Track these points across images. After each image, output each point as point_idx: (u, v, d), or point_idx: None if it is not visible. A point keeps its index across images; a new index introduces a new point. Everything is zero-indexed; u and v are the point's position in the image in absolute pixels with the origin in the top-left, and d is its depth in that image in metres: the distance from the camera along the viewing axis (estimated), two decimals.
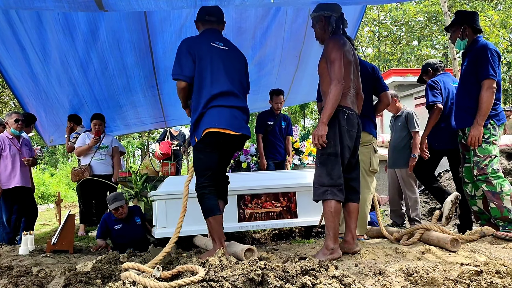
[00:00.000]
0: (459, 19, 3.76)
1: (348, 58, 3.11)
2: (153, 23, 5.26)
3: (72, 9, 2.83)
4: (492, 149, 3.52)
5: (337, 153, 3.05)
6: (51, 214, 11.26)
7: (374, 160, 3.88)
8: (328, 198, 3.01)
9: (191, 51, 3.03)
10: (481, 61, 3.52)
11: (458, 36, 3.74)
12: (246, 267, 2.36)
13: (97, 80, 6.11)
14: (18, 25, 4.79)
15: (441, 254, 2.93)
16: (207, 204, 3.11)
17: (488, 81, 3.46)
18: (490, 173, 3.46)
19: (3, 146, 5.20)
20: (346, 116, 3.09)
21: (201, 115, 3.03)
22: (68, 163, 21.30)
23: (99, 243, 4.50)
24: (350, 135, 3.12)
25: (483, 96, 3.46)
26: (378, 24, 21.79)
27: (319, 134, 3.00)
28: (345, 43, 3.15)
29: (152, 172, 5.69)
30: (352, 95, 3.18)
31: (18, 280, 2.58)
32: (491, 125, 3.54)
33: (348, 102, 3.13)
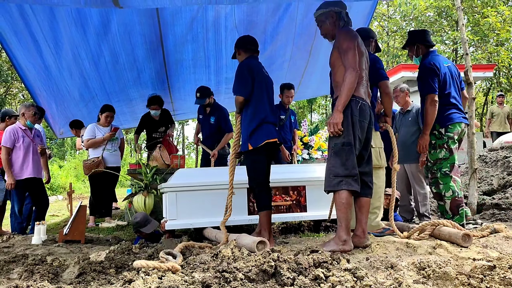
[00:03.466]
0: (411, 39, 4.23)
1: (359, 49, 3.15)
2: (164, 16, 5.28)
3: (88, 5, 2.85)
4: (439, 153, 4.04)
5: (351, 143, 3.06)
6: (59, 205, 11.36)
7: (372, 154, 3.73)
8: (343, 188, 3.01)
9: (251, 73, 3.57)
10: (423, 77, 4.03)
11: (413, 54, 4.23)
12: (259, 259, 2.39)
13: (108, 73, 6.15)
14: (31, 18, 4.83)
15: (452, 249, 2.93)
16: (265, 200, 3.58)
17: (429, 95, 3.97)
18: (439, 177, 4.03)
19: (17, 137, 5.25)
20: (359, 106, 3.10)
21: (258, 127, 3.55)
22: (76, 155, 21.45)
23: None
24: (362, 126, 3.12)
25: (427, 109, 3.98)
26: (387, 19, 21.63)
27: (335, 122, 3.03)
28: (357, 35, 3.22)
29: (162, 165, 5.72)
30: (365, 86, 3.20)
31: (34, 268, 2.62)
32: (436, 130, 4.05)
33: (361, 92, 3.15)
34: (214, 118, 5.89)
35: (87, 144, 6.07)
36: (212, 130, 5.95)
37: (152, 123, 6.58)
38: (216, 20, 5.54)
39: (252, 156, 3.60)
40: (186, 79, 6.72)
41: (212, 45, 5.97)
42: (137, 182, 5.38)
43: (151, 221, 4.11)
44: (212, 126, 5.93)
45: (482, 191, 5.59)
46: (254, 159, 3.60)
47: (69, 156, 21.23)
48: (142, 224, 4.02)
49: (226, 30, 5.69)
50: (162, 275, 2.24)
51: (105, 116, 6.09)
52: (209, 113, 5.93)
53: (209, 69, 6.57)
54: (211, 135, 5.97)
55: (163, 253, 2.61)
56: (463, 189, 5.85)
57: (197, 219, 4.13)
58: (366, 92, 3.21)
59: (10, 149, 5.21)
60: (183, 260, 2.60)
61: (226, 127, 5.92)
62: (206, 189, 4.20)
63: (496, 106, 10.59)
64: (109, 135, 6.00)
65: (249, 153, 3.60)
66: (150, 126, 6.60)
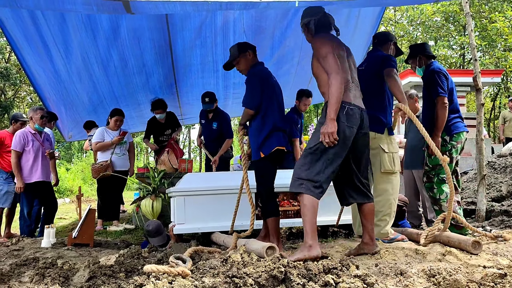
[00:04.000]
0: (414, 51, 4.40)
1: (340, 52, 3.07)
2: (173, 21, 5.31)
3: (101, 11, 2.88)
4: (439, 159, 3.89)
5: (326, 149, 2.93)
6: (67, 208, 11.43)
7: (384, 160, 3.74)
8: (301, 192, 2.92)
9: (261, 84, 3.60)
10: (432, 83, 4.12)
11: (416, 65, 4.38)
12: (268, 264, 2.39)
13: (116, 77, 6.20)
14: (42, 23, 4.88)
15: (462, 256, 2.92)
16: (273, 206, 3.62)
17: (440, 98, 4.05)
18: (435, 182, 4.14)
19: (27, 141, 5.30)
20: (345, 111, 2.98)
21: (269, 135, 3.57)
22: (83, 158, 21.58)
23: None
24: (350, 131, 2.99)
25: (438, 112, 4.05)
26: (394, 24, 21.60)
27: (329, 132, 2.89)
28: (332, 38, 3.15)
29: (170, 169, 5.75)
30: (353, 89, 3.10)
31: (45, 272, 2.64)
32: (441, 138, 4.12)
33: (349, 96, 3.04)
34: (216, 123, 5.92)
35: (95, 147, 6.11)
36: (214, 135, 5.98)
37: (158, 126, 6.61)
38: (224, 25, 5.57)
39: (262, 163, 3.62)
40: (194, 83, 6.75)
41: (221, 50, 6.00)
42: (145, 186, 5.41)
43: (162, 233, 4.05)
44: (214, 131, 5.97)
45: (491, 198, 5.55)
46: (264, 166, 3.62)
47: (76, 159, 21.36)
48: (152, 234, 3.97)
49: (234, 35, 5.71)
50: (172, 280, 2.25)
51: (115, 120, 6.13)
52: (211, 118, 5.97)
53: (217, 74, 6.60)
54: (213, 140, 6.01)
55: (173, 257, 2.62)
56: (472, 195, 5.83)
57: (205, 223, 4.14)
58: (355, 95, 3.10)
59: (20, 153, 5.26)
60: (192, 265, 2.61)
61: (227, 133, 5.95)
62: (214, 194, 4.21)
63: (508, 111, 10.52)
64: (117, 139, 6.03)
65: (260, 160, 3.62)
66: (156, 130, 6.63)
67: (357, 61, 6.51)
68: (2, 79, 19.82)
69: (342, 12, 5.47)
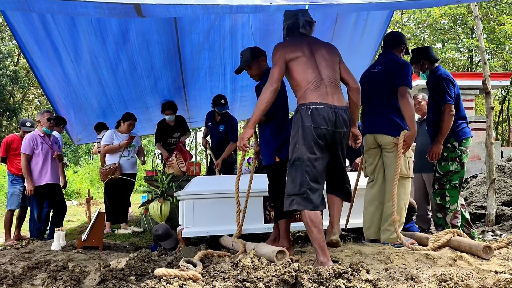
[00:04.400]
0: (417, 56, 4.35)
1: (296, 54, 3.03)
2: (182, 25, 5.35)
3: (112, 15, 2.90)
4: (450, 166, 4.13)
5: (301, 158, 2.87)
6: (74, 210, 11.50)
7: (403, 163, 3.72)
8: (294, 208, 2.87)
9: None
10: (439, 90, 4.10)
11: (419, 70, 4.33)
12: (279, 269, 2.39)
13: (125, 80, 6.23)
14: (52, 27, 4.92)
15: (473, 261, 2.90)
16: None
17: (448, 105, 4.04)
18: (448, 189, 4.12)
19: (36, 144, 5.34)
20: (310, 112, 2.89)
21: (286, 140, 3.51)
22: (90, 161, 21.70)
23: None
24: (319, 133, 2.88)
25: (444, 119, 4.04)
26: (401, 26, 21.54)
27: (241, 137, 3.05)
28: (285, 45, 3.12)
29: (178, 172, 5.76)
30: (322, 87, 2.97)
31: (57, 274, 2.66)
32: (449, 143, 4.15)
33: (314, 97, 2.94)
34: (223, 126, 5.94)
35: (104, 150, 6.14)
36: (220, 138, 6.00)
37: (167, 129, 6.63)
38: (232, 29, 5.59)
39: (278, 167, 3.60)
40: (202, 87, 6.78)
41: (229, 53, 6.02)
42: (153, 189, 5.42)
43: (172, 235, 4.07)
44: (220, 134, 5.99)
45: (501, 202, 5.52)
46: (279, 169, 3.59)
47: (84, 162, 21.47)
48: (163, 238, 3.98)
49: (242, 38, 5.73)
50: (183, 284, 2.26)
51: (128, 124, 6.16)
52: (219, 121, 5.99)
53: (225, 77, 6.62)
54: (219, 142, 6.03)
55: (183, 261, 2.63)
56: (481, 199, 5.79)
57: (213, 227, 4.14)
58: (327, 92, 2.96)
59: (30, 156, 5.30)
60: (203, 268, 2.61)
61: (232, 137, 5.96)
62: (223, 197, 4.21)
63: None
64: (125, 143, 6.06)
65: (275, 164, 3.63)
66: (165, 132, 6.65)
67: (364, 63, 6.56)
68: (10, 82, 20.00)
69: (350, 15, 5.48)
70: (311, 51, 3.08)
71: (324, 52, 3.11)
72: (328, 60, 3.09)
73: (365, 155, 4.03)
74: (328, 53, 3.12)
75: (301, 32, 3.18)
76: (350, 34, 5.86)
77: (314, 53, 3.08)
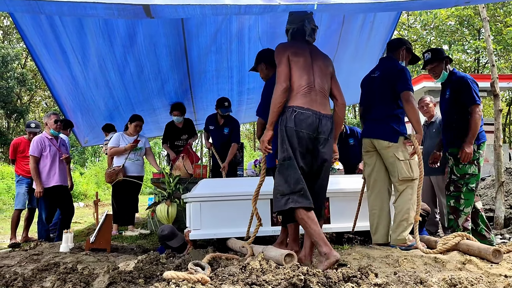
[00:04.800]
0: (439, 55, 4.22)
1: (297, 58, 3.10)
2: (189, 28, 5.36)
3: (121, 16, 2.91)
4: (468, 168, 4.05)
5: (291, 157, 2.95)
6: (81, 212, 11.55)
7: (401, 168, 3.70)
8: (291, 207, 2.90)
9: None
10: (465, 90, 4.05)
11: (442, 69, 4.20)
12: (288, 272, 2.39)
13: (132, 83, 6.27)
14: (61, 30, 4.95)
15: (482, 265, 2.88)
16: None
17: (476, 106, 4.00)
18: (464, 192, 4.04)
19: (44, 146, 5.38)
20: (294, 115, 2.97)
21: None
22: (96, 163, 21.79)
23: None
24: (301, 136, 2.96)
25: (473, 120, 3.99)
26: (407, 28, 21.50)
27: (262, 140, 3.11)
28: (289, 46, 3.18)
29: (185, 174, 5.78)
30: (312, 94, 3.06)
31: (66, 277, 2.67)
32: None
33: (302, 101, 3.02)
34: (228, 129, 5.99)
35: (110, 152, 6.18)
36: (224, 140, 6.04)
37: (175, 131, 6.65)
38: (239, 32, 5.60)
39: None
40: (209, 89, 6.81)
41: (236, 56, 6.03)
42: (160, 191, 5.44)
43: (178, 234, 4.08)
44: (225, 137, 6.03)
45: (509, 205, 5.48)
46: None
47: (90, 164, 21.56)
48: (169, 237, 3.99)
49: (249, 41, 5.75)
50: (192, 287, 2.26)
51: (135, 125, 6.19)
52: (222, 124, 6.03)
53: (232, 80, 6.64)
54: (223, 145, 6.05)
55: (192, 264, 2.63)
56: (490, 202, 5.76)
57: (220, 229, 4.14)
58: (315, 100, 3.05)
59: (38, 158, 5.34)
60: (211, 271, 2.62)
61: (235, 139, 6.00)
62: (230, 200, 4.21)
63: None
64: (130, 146, 6.08)
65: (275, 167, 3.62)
66: (173, 134, 6.66)
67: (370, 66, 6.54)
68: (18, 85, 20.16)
69: (357, 18, 5.47)
70: (310, 58, 3.17)
71: (321, 63, 3.21)
72: (323, 71, 3.19)
73: (363, 157, 4.05)
74: (324, 65, 3.22)
75: (307, 39, 3.25)
76: (357, 37, 5.86)
77: (313, 61, 3.16)
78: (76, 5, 2.58)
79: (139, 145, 6.33)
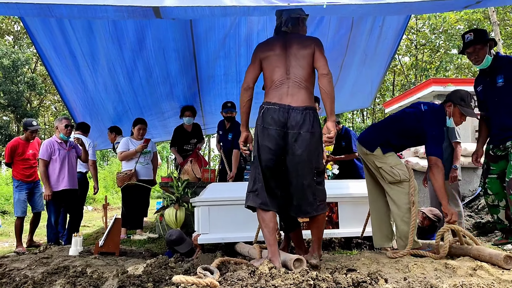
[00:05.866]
0: (482, 37, 3.77)
1: (267, 53, 3.03)
2: (198, 33, 5.39)
3: (131, 17, 2.95)
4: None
5: (255, 156, 2.95)
6: (90, 215, 11.61)
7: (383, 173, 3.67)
8: (248, 205, 3.01)
9: None
10: None
11: (486, 53, 3.75)
12: (297, 277, 2.38)
13: (141, 87, 6.30)
14: (71, 34, 5.01)
15: (494, 271, 2.85)
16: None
17: None
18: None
19: (53, 150, 5.42)
20: (262, 112, 2.92)
21: None
22: (105, 167, 21.90)
23: None
24: (269, 133, 2.87)
25: None
26: (415, 32, 21.41)
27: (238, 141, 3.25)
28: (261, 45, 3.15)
29: (193, 178, 5.79)
30: (282, 87, 2.93)
31: (76, 280, 2.68)
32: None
33: (272, 97, 2.94)
34: (232, 134, 6.01)
35: (120, 157, 6.20)
36: (228, 146, 6.07)
37: (184, 135, 6.67)
38: (248, 36, 5.62)
39: None
40: (217, 93, 6.82)
41: (244, 60, 6.05)
42: (168, 195, 5.45)
43: (186, 239, 4.06)
44: (229, 142, 6.06)
45: None
46: None
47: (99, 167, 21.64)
48: (178, 242, 3.97)
49: None
50: None
51: (138, 128, 6.21)
52: (228, 129, 6.06)
53: (240, 84, 6.61)
54: (228, 150, 6.06)
55: (201, 268, 2.63)
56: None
57: (229, 233, 4.14)
58: (286, 92, 2.92)
59: (47, 162, 5.38)
60: (220, 276, 2.61)
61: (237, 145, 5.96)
62: (239, 204, 4.20)
63: None
64: (141, 147, 6.10)
65: None
66: (182, 138, 6.68)
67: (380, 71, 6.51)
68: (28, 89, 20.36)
69: (365, 22, 5.46)
70: (284, 49, 3.01)
71: (296, 48, 2.98)
72: (299, 57, 2.96)
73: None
74: (301, 49, 2.98)
75: (283, 30, 3.14)
76: (365, 42, 5.85)
77: (287, 51, 2.99)
78: (87, 8, 2.61)
79: (148, 148, 6.36)
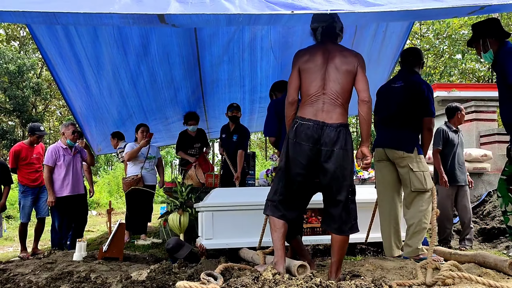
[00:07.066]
0: (476, 33, 3.59)
1: (308, 65, 2.92)
2: (202, 38, 5.42)
3: (136, 24, 2.97)
4: None
5: (281, 168, 2.94)
6: (94, 220, 11.61)
7: (414, 179, 3.66)
8: (265, 212, 3.05)
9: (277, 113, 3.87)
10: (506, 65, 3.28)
11: (480, 51, 3.56)
12: (301, 283, 2.37)
13: (145, 92, 6.33)
14: (76, 40, 5.03)
15: (499, 278, 2.83)
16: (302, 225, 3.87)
17: None
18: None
19: (58, 155, 5.43)
20: (295, 126, 2.88)
21: None
22: (109, 171, 21.93)
23: None
24: (300, 148, 2.83)
25: None
26: (419, 37, 21.38)
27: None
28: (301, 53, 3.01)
29: (197, 183, 5.79)
30: (319, 102, 2.86)
31: (80, 286, 2.68)
32: None
33: (306, 112, 2.88)
34: (236, 136, 5.99)
35: (127, 157, 6.21)
36: (233, 148, 6.04)
37: (188, 139, 6.68)
38: (252, 42, 5.63)
39: None
40: (221, 98, 6.84)
41: (248, 65, 6.07)
42: (172, 200, 5.45)
43: (184, 244, 4.03)
44: (233, 144, 6.03)
45: None
46: None
47: (103, 172, 21.70)
48: (176, 249, 3.93)
49: (261, 50, 5.78)
50: None
51: (141, 130, 6.26)
52: (232, 131, 6.04)
53: (244, 88, 6.67)
54: (233, 153, 6.04)
55: (204, 274, 2.62)
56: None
57: (233, 239, 4.14)
58: (321, 108, 2.84)
59: (52, 168, 5.38)
60: (223, 282, 2.60)
61: (242, 145, 5.97)
62: (243, 209, 4.21)
63: None
64: (145, 142, 6.13)
65: None
66: (186, 143, 6.69)
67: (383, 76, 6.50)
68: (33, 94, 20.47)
69: (369, 27, 5.47)
70: (325, 61, 2.89)
71: (339, 63, 2.88)
72: (339, 72, 2.87)
73: (375, 167, 4.02)
74: (343, 64, 2.87)
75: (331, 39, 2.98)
76: (369, 47, 5.84)
77: (328, 63, 2.88)
78: (93, 16, 2.62)
79: (153, 154, 6.37)
